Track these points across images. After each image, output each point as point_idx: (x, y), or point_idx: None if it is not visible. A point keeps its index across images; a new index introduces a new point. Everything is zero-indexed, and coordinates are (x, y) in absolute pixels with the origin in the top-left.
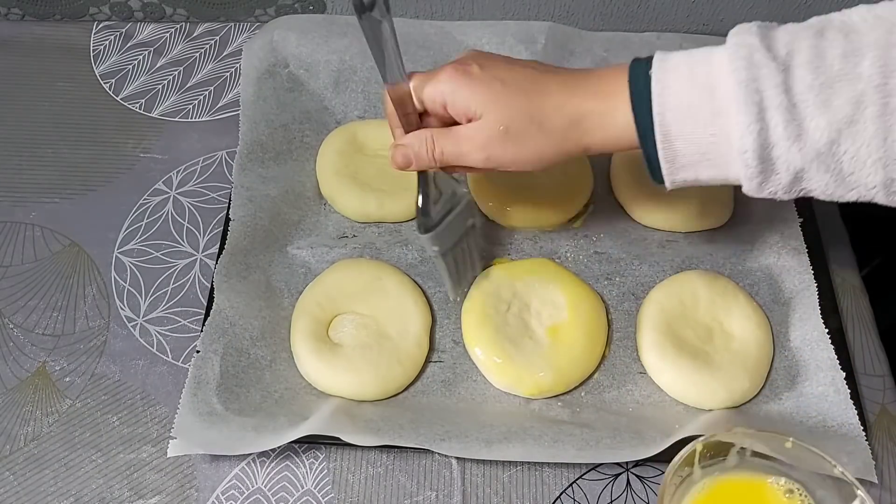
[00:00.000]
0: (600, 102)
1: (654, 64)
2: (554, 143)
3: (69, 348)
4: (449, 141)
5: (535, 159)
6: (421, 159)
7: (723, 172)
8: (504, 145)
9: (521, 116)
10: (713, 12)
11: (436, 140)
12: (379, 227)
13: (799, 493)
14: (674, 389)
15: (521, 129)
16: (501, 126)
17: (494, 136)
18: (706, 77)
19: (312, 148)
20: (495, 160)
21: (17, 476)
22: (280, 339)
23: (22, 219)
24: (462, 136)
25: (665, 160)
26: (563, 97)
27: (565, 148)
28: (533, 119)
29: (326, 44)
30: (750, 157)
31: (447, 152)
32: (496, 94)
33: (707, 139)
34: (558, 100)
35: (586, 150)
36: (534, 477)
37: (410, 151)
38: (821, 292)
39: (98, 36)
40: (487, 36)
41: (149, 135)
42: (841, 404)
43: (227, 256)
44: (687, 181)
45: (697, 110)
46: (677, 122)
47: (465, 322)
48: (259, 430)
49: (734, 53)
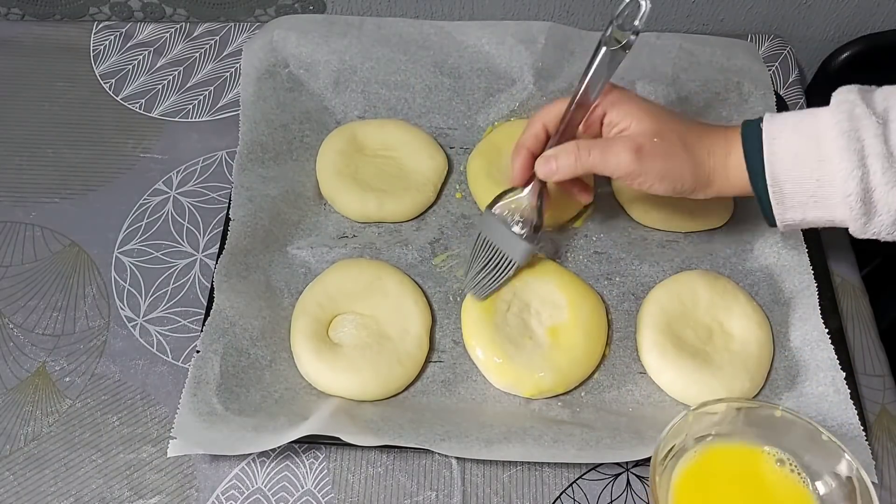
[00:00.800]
0: (721, 151)
1: (764, 120)
2: (693, 168)
3: (69, 348)
4: (598, 146)
5: (677, 178)
6: (565, 166)
7: (829, 213)
8: (654, 154)
9: (674, 134)
10: (713, 12)
11: (583, 146)
12: (379, 227)
13: (789, 462)
14: (674, 389)
15: (671, 144)
16: (655, 137)
17: (646, 144)
18: (811, 128)
19: (312, 148)
20: (642, 167)
21: (17, 476)
22: (280, 339)
23: (22, 219)
24: (614, 140)
25: (775, 202)
26: (700, 136)
27: (699, 179)
28: (683, 141)
29: (326, 44)
30: (853, 200)
31: (594, 154)
32: (653, 111)
33: (813, 183)
34: (699, 132)
35: (707, 186)
36: (534, 477)
37: (554, 162)
38: (821, 292)
39: (98, 36)
40: (487, 36)
41: (149, 135)
42: (841, 404)
43: (227, 256)
44: (795, 221)
45: (804, 157)
46: (785, 169)
47: (465, 322)
48: (259, 430)
49: (837, 108)
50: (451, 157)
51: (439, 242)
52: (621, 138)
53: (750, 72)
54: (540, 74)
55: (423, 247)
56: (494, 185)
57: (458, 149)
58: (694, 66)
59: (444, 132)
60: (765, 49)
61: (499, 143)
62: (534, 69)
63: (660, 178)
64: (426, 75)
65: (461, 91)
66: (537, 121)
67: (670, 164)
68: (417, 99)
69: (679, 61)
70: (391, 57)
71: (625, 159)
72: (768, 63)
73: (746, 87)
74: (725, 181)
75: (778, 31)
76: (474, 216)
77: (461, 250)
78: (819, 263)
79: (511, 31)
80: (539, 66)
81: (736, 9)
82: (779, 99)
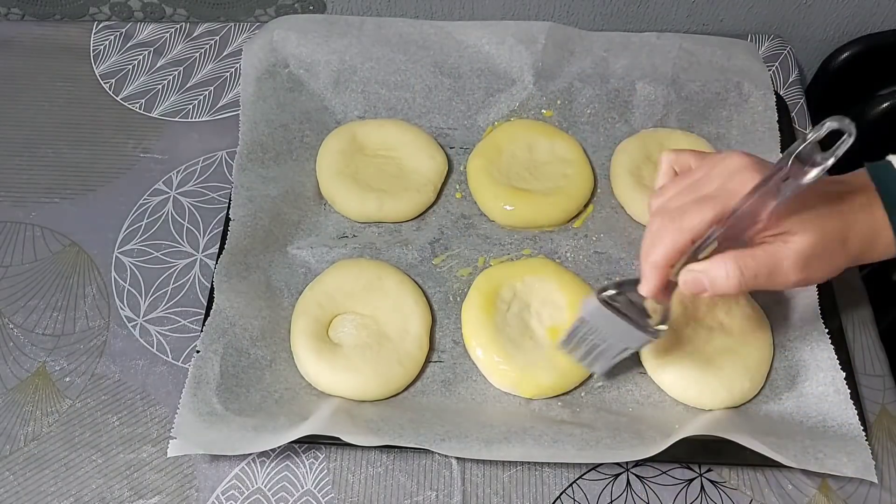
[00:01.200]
0: (867, 216)
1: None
2: (848, 261)
3: (69, 348)
4: (763, 265)
5: (832, 275)
6: (723, 287)
7: None
8: (820, 264)
9: (834, 236)
10: (713, 12)
11: (746, 267)
12: (379, 227)
13: None
14: (674, 389)
15: (833, 251)
16: (821, 247)
17: (813, 260)
18: None
19: (312, 148)
20: (808, 280)
21: (17, 476)
22: (280, 339)
23: (22, 219)
24: (779, 258)
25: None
26: (848, 223)
27: (850, 261)
28: (842, 239)
29: (326, 44)
30: None
31: (760, 277)
32: (811, 212)
33: None
34: (851, 219)
35: (856, 261)
36: (534, 477)
37: (706, 279)
38: (821, 292)
39: (98, 36)
40: (487, 36)
41: (149, 135)
42: (841, 404)
43: (227, 256)
44: None
45: None
46: None
47: (465, 322)
48: (259, 430)
49: None
50: (451, 157)
51: (439, 242)
52: (785, 255)
53: (750, 72)
54: (540, 74)
55: (424, 247)
56: (494, 184)
57: (458, 149)
58: (694, 66)
59: (444, 132)
60: (765, 49)
61: (499, 143)
62: (534, 69)
63: (818, 281)
64: (426, 75)
65: (461, 91)
66: (685, 234)
67: (832, 269)
68: (417, 99)
69: (679, 61)
70: (391, 57)
71: (793, 278)
72: (768, 63)
73: (746, 87)
74: (871, 253)
75: (778, 31)
76: (474, 216)
77: (461, 250)
78: None
79: (511, 31)
80: (539, 66)
81: (736, 9)
82: (779, 99)
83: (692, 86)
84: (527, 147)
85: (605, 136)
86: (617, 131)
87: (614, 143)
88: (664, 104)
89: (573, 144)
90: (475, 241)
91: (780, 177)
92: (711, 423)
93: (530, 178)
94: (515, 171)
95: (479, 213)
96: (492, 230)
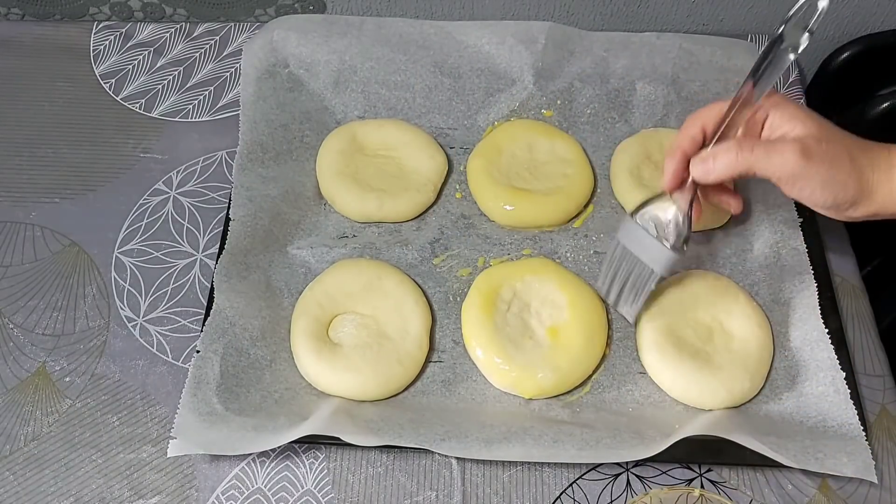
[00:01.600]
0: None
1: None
2: (858, 178)
3: (69, 348)
4: (762, 144)
5: (840, 186)
6: (724, 164)
7: None
8: (820, 159)
9: (839, 142)
10: (713, 12)
11: (745, 144)
12: (379, 227)
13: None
14: (674, 389)
15: (837, 151)
16: (822, 142)
17: (813, 147)
18: None
19: (312, 148)
20: (808, 170)
21: (17, 476)
22: (280, 339)
23: (22, 219)
24: (779, 140)
25: None
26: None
27: (863, 190)
28: (848, 149)
29: (326, 44)
30: None
31: (757, 151)
32: (817, 117)
33: None
34: (861, 144)
35: (868, 200)
36: (534, 477)
37: (712, 160)
38: (821, 292)
39: (98, 36)
40: (487, 36)
41: (149, 135)
42: (841, 404)
43: (227, 256)
44: None
45: None
46: None
47: (465, 322)
48: (259, 430)
49: None
50: (451, 157)
51: (439, 242)
52: (786, 139)
53: None
54: (540, 74)
55: (423, 247)
56: (494, 183)
57: (458, 149)
58: (694, 66)
59: (444, 132)
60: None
61: (499, 143)
62: (534, 69)
63: (823, 184)
64: (426, 75)
65: (461, 91)
66: (695, 121)
67: (835, 171)
68: (417, 99)
69: (679, 61)
70: (391, 57)
71: (790, 159)
72: None
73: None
74: (889, 196)
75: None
76: (474, 216)
77: (461, 250)
78: (819, 263)
79: (511, 31)
80: (539, 66)
81: (736, 9)
82: None
83: (692, 86)
84: (527, 147)
85: (605, 136)
86: (617, 131)
87: (614, 143)
88: (664, 104)
89: (573, 144)
90: (475, 241)
91: (777, 59)
92: (711, 423)
93: (530, 178)
94: (515, 171)
95: (479, 213)
96: (492, 230)
